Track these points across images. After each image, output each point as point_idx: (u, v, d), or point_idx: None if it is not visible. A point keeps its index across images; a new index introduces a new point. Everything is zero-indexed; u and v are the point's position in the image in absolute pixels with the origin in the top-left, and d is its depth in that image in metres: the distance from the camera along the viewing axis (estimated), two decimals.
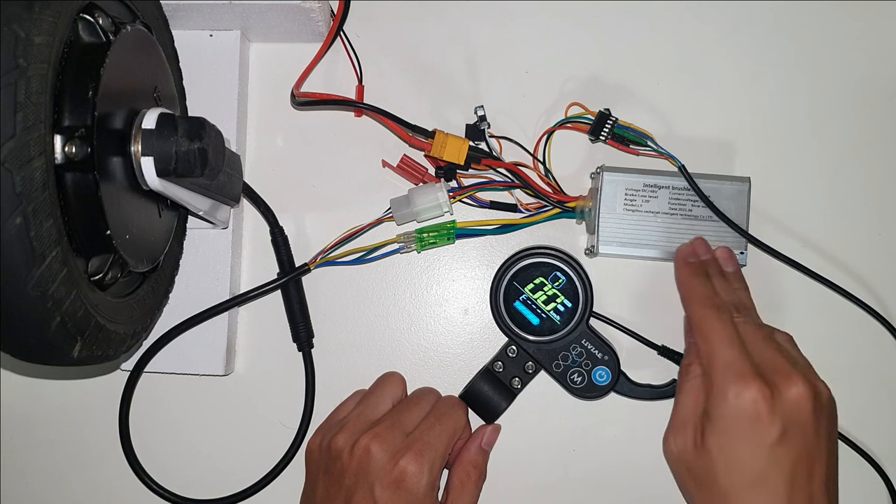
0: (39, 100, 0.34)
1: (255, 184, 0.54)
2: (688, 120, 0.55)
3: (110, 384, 0.56)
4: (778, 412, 0.43)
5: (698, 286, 0.48)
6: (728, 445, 0.44)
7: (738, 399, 0.43)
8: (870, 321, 0.54)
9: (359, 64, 0.56)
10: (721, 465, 0.44)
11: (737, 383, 0.43)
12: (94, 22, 0.40)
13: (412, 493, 0.46)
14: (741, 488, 0.43)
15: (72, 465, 0.57)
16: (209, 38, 0.55)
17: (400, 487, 0.46)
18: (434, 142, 0.52)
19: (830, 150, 0.55)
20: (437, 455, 0.47)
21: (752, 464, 0.43)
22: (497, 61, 0.56)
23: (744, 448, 0.43)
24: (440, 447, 0.48)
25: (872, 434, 0.54)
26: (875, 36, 0.56)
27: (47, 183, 0.34)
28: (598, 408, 0.54)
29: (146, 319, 0.48)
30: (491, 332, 0.55)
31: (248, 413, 0.56)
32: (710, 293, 0.48)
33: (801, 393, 0.43)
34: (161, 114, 0.42)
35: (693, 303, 0.48)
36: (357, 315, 0.56)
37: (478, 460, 0.51)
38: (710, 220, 0.52)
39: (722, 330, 0.46)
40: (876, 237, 0.55)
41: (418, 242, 0.53)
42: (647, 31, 0.56)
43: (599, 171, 0.52)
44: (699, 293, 0.48)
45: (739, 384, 0.43)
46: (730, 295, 0.48)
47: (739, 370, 0.44)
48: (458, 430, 0.50)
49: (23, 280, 0.33)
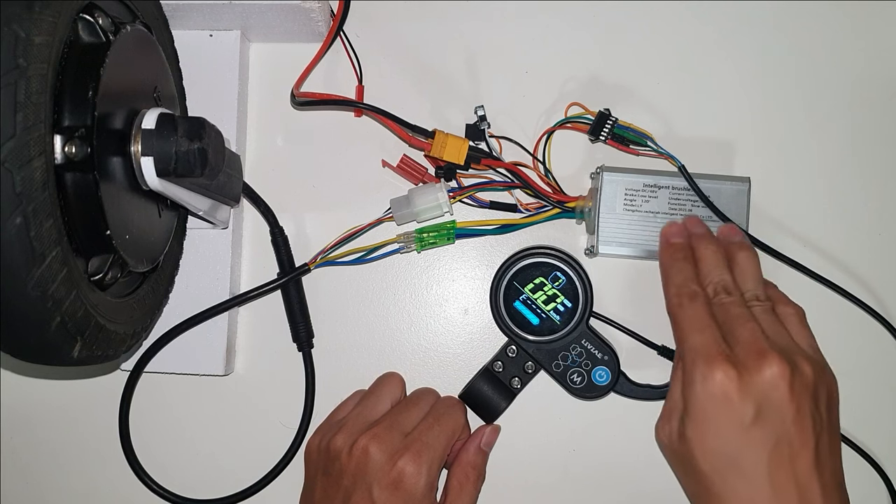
0: (39, 100, 0.34)
1: (255, 184, 0.54)
2: (688, 120, 0.55)
3: (110, 384, 0.56)
4: (749, 393, 0.42)
5: (675, 272, 0.47)
6: (702, 431, 0.43)
7: (705, 383, 0.42)
8: (870, 321, 0.54)
9: (359, 64, 0.56)
10: (699, 452, 0.43)
11: (703, 367, 0.43)
12: (94, 22, 0.40)
13: (410, 493, 0.46)
14: (721, 472, 0.43)
15: (72, 465, 0.57)
16: (209, 38, 0.54)
17: (398, 488, 0.46)
18: (434, 142, 0.52)
19: (830, 150, 0.55)
20: (435, 455, 0.47)
21: (728, 447, 0.42)
22: (497, 61, 0.56)
23: (717, 432, 0.42)
24: (439, 448, 0.48)
25: (872, 434, 0.54)
26: (875, 36, 0.56)
27: (47, 183, 0.34)
28: (598, 408, 0.54)
29: (146, 319, 0.48)
30: (491, 333, 0.55)
31: (248, 413, 0.56)
32: (684, 280, 0.47)
33: (776, 372, 0.42)
34: (161, 114, 0.42)
35: (667, 290, 0.48)
36: (357, 315, 0.56)
37: (477, 461, 0.51)
38: (710, 221, 0.52)
39: (692, 316, 0.45)
40: (876, 237, 0.55)
41: (418, 242, 0.53)
42: (647, 31, 0.56)
43: (599, 171, 0.52)
44: (674, 280, 0.47)
45: (705, 368, 0.43)
46: (717, 275, 0.47)
47: (706, 353, 0.43)
48: (457, 431, 0.50)
49: (23, 280, 0.33)
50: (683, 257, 0.48)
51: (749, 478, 0.42)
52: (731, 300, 0.45)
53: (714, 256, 0.47)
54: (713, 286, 0.46)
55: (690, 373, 0.44)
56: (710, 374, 0.42)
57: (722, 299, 0.46)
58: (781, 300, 0.48)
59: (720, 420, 0.42)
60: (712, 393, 0.42)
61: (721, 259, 0.47)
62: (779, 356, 0.42)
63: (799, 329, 0.47)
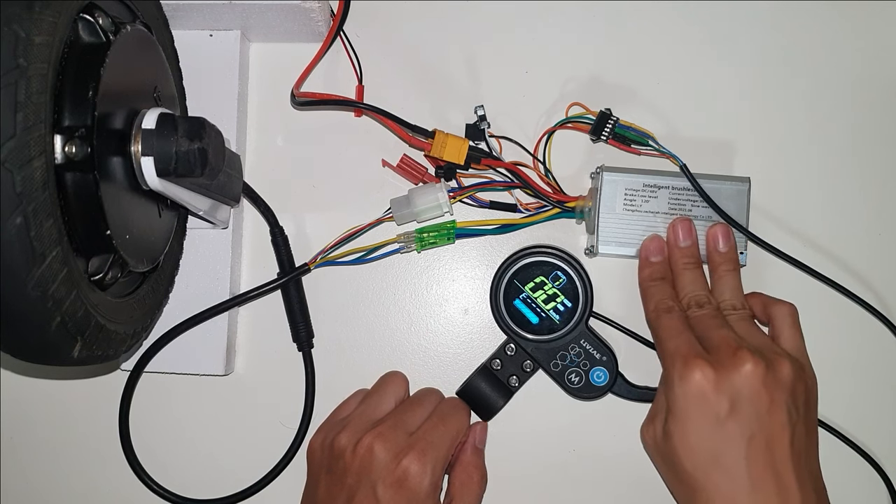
0: (39, 100, 0.34)
1: (255, 184, 0.54)
2: (688, 120, 0.55)
3: (110, 384, 0.56)
4: (724, 389, 0.44)
5: (653, 291, 0.50)
6: (683, 429, 0.45)
7: (682, 382, 0.45)
8: (871, 320, 0.54)
9: (359, 64, 0.56)
10: (681, 449, 0.45)
11: (680, 367, 0.45)
12: (94, 22, 0.40)
13: (415, 492, 0.46)
14: (703, 469, 0.44)
15: (72, 465, 0.57)
16: (209, 38, 0.55)
17: (402, 487, 0.46)
18: (434, 142, 0.52)
19: (830, 150, 0.55)
20: (440, 455, 0.47)
21: (707, 443, 0.44)
22: (497, 61, 0.56)
23: (696, 428, 0.44)
24: (443, 448, 0.48)
25: (872, 434, 0.54)
26: (874, 36, 0.56)
27: (47, 183, 0.34)
28: (599, 408, 0.54)
29: (146, 319, 0.48)
30: (491, 333, 0.55)
31: (248, 413, 0.56)
32: (661, 297, 0.49)
33: (749, 369, 0.44)
34: (161, 114, 0.42)
35: (646, 307, 0.51)
36: (357, 315, 0.56)
37: (477, 461, 0.51)
38: (710, 220, 0.52)
39: (668, 326, 0.48)
40: (876, 237, 0.55)
41: (418, 242, 0.54)
42: (648, 31, 0.56)
43: (599, 171, 0.52)
44: (652, 298, 0.50)
45: (682, 367, 0.45)
46: (691, 290, 0.49)
47: (683, 354, 0.45)
48: (462, 432, 0.50)
49: (23, 280, 0.33)
50: (661, 277, 0.51)
51: (729, 472, 0.44)
52: (705, 312, 0.48)
53: (690, 274, 0.50)
54: (687, 299, 0.49)
55: (670, 375, 0.46)
56: (688, 373, 0.44)
57: (695, 312, 0.48)
58: (770, 302, 0.50)
59: (699, 416, 0.44)
60: (690, 391, 0.44)
61: (696, 276, 0.50)
62: (751, 353, 0.44)
63: (787, 330, 0.48)
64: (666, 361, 0.47)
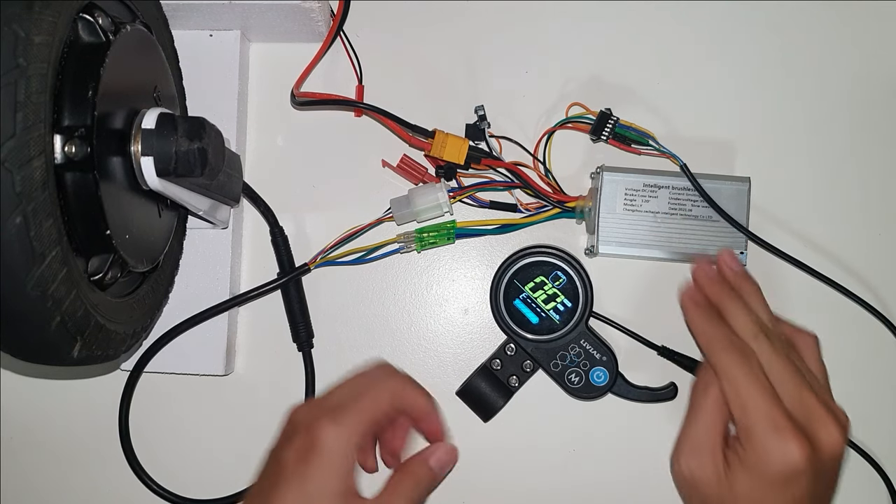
0: (39, 99, 0.34)
1: (255, 184, 0.54)
2: (688, 120, 0.55)
3: (110, 384, 0.56)
4: (814, 467, 0.42)
5: (714, 330, 0.46)
6: (759, 491, 0.43)
7: (778, 453, 0.42)
8: (871, 320, 0.54)
9: (359, 64, 0.56)
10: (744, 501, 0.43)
11: (777, 437, 0.42)
12: (94, 22, 0.40)
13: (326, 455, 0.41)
14: None
15: (72, 465, 0.57)
16: (209, 38, 0.55)
17: (312, 451, 0.41)
18: (434, 142, 0.52)
19: (830, 150, 0.55)
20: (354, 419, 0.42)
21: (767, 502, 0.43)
22: (497, 61, 0.56)
23: (774, 496, 0.42)
24: (359, 410, 0.42)
25: (872, 434, 0.54)
26: (874, 36, 0.56)
27: (47, 183, 0.34)
28: (600, 408, 0.54)
29: (146, 319, 0.48)
30: (491, 333, 0.55)
31: (248, 413, 0.56)
32: (725, 333, 0.45)
33: (836, 441, 0.43)
34: (161, 114, 0.42)
35: (712, 350, 0.45)
36: (357, 315, 0.56)
37: (417, 472, 0.45)
38: (710, 220, 0.52)
39: (751, 379, 0.43)
40: (876, 237, 0.55)
41: (418, 242, 0.54)
42: (648, 31, 0.56)
43: (599, 171, 0.52)
44: (716, 336, 0.45)
45: (779, 439, 0.42)
46: (745, 319, 0.46)
47: (776, 422, 0.42)
48: (384, 398, 0.44)
49: (23, 280, 0.33)
50: (716, 314, 0.47)
51: None
52: (771, 345, 0.45)
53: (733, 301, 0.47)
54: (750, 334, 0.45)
55: (762, 438, 0.42)
56: (786, 446, 0.42)
57: (760, 345, 0.45)
58: (794, 332, 0.48)
59: (782, 487, 0.42)
60: (784, 463, 0.42)
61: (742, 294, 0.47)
62: (835, 422, 0.43)
63: (814, 364, 0.47)
64: (752, 419, 0.43)
